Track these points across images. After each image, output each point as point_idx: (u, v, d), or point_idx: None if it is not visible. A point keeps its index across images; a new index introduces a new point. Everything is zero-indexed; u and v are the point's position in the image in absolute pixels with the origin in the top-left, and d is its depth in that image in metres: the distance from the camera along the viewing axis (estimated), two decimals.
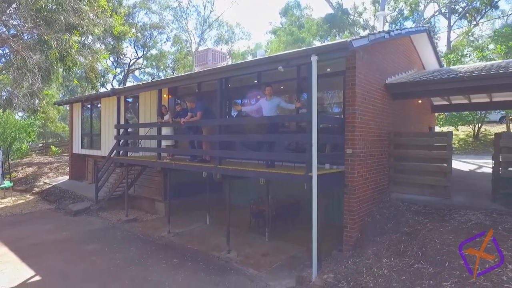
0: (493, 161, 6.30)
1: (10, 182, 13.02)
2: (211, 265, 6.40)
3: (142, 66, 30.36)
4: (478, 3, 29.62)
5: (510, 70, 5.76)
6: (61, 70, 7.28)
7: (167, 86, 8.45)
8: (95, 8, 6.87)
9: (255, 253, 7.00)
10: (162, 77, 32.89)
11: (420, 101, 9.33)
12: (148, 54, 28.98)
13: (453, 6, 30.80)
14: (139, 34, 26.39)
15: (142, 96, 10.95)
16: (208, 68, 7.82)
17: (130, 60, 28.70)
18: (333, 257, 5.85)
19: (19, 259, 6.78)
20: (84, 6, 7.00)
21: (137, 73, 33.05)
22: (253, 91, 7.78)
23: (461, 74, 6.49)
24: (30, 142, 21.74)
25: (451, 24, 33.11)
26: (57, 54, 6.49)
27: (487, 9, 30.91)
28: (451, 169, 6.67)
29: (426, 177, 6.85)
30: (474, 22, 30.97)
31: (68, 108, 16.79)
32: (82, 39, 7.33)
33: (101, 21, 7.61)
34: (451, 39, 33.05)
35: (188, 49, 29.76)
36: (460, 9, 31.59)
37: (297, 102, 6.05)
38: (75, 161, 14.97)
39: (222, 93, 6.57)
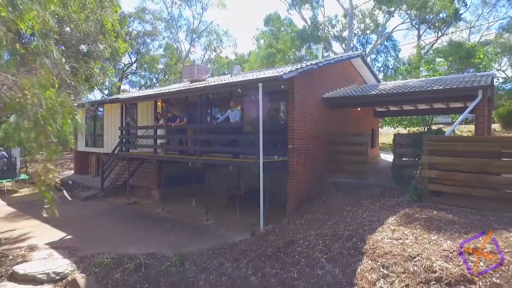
0: (393, 153, 8.95)
1: (26, 175, 15.23)
2: (194, 229, 8.87)
3: (137, 71, 32.51)
4: (445, 15, 32.67)
5: (383, 92, 8.47)
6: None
7: (160, 98, 10.85)
8: (107, 38, 9.17)
9: (228, 221, 9.49)
10: (154, 80, 35.20)
11: (359, 109, 11.95)
12: (141, 59, 31.16)
13: (423, 17, 33.81)
14: (133, 42, 28.55)
15: (139, 103, 13.31)
16: (193, 82, 10.27)
17: (125, 65, 30.83)
18: (280, 221, 8.38)
19: (51, 227, 9.12)
20: (100, 36, 9.33)
21: (130, 76, 35.20)
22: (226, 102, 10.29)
23: (373, 92, 9.13)
24: None
25: (420, 34, 36.23)
26: (84, 77, 8.80)
27: (452, 21, 34.05)
28: (367, 159, 9.29)
29: (351, 165, 9.46)
30: (440, 33, 34.07)
31: None
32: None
33: (109, 46, 9.93)
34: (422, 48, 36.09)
35: (178, 55, 32.02)
36: (429, 20, 34.68)
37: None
38: (79, 158, 17.19)
39: (202, 105, 9.04)
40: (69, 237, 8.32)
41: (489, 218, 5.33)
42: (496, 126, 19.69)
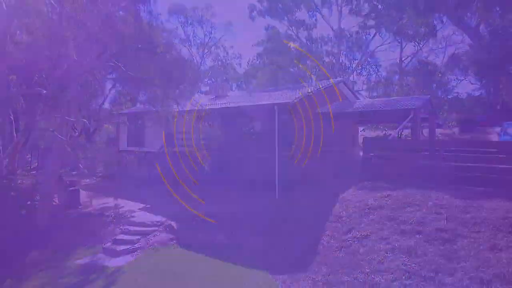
0: (362, 151, 13.33)
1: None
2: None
3: None
4: (422, 30, 37.23)
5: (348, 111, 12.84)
6: None
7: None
8: None
9: (252, 196, 13.77)
10: None
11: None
12: None
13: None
14: None
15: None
16: (217, 97, 14.60)
17: None
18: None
19: (128, 201, 13.26)
20: None
21: None
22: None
23: (348, 110, 13.52)
24: None
25: (403, 46, 40.89)
26: None
27: (430, 36, 38.70)
28: (345, 155, 13.66)
29: (335, 159, 13.82)
30: (419, 47, 38.76)
31: None
32: None
33: None
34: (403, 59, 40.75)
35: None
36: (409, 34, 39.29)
37: None
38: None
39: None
40: (148, 205, 12.53)
41: (399, 184, 9.72)
42: (456, 130, 24.27)
